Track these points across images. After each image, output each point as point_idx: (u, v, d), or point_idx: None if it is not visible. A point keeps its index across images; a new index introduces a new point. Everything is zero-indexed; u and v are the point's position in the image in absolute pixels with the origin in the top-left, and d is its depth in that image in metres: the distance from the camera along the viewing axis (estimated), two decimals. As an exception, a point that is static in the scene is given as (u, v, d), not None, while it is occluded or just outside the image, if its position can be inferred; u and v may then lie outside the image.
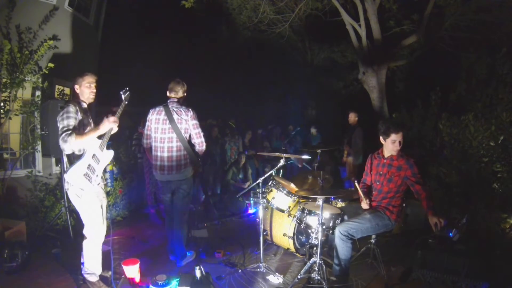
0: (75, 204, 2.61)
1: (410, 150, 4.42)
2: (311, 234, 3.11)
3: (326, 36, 10.97)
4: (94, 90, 2.73)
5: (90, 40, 6.32)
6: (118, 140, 5.43)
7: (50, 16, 4.72)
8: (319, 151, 4.06)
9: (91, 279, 2.70)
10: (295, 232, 3.36)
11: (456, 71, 5.69)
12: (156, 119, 3.14)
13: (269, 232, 3.61)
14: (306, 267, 2.94)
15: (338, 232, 2.79)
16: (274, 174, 3.50)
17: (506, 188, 3.58)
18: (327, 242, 3.40)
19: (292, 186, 3.55)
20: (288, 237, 3.35)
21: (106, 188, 3.08)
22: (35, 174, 4.41)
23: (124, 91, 2.71)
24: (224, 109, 10.63)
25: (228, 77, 12.38)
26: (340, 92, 12.48)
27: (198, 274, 2.45)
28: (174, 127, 3.06)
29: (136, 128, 5.42)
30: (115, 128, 2.67)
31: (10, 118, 4.13)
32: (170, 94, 3.18)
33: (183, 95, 3.21)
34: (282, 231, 3.42)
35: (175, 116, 3.07)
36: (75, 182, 2.50)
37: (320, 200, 2.84)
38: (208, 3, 8.05)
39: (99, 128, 2.53)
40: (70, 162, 2.58)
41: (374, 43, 6.75)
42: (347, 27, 7.04)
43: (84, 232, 2.65)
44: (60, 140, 2.39)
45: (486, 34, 6.44)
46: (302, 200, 3.50)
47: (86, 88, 2.67)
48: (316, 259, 2.83)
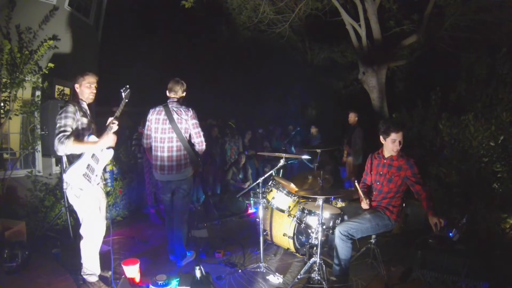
0: (73, 204, 2.61)
1: (410, 150, 4.42)
2: (311, 234, 3.11)
3: (326, 36, 10.98)
4: (94, 91, 2.71)
5: (90, 40, 6.32)
6: (118, 140, 5.42)
7: (50, 16, 4.72)
8: (319, 151, 4.06)
9: (90, 279, 2.69)
10: (295, 232, 3.36)
11: (456, 71, 5.69)
12: (156, 119, 3.13)
13: (269, 232, 3.61)
14: (306, 267, 2.94)
15: (338, 232, 2.79)
16: (274, 174, 3.50)
17: (506, 188, 3.58)
18: (327, 242, 3.39)
19: (292, 186, 3.55)
20: (288, 237, 3.35)
21: (106, 188, 3.07)
22: (35, 174, 4.41)
23: (124, 89, 2.69)
24: (224, 109, 10.63)
25: (228, 77, 12.38)
26: (340, 92, 12.48)
27: (198, 274, 2.45)
28: (174, 127, 3.06)
29: (136, 128, 5.42)
30: (115, 127, 2.66)
31: (10, 118, 4.13)
32: (170, 94, 3.18)
33: (182, 94, 3.20)
34: (282, 231, 3.42)
35: (175, 116, 3.07)
36: (74, 182, 2.49)
37: (320, 200, 2.84)
38: (208, 3, 8.06)
39: (98, 143, 2.53)
40: (69, 162, 2.57)
41: (374, 43, 6.75)
42: (347, 27, 7.05)
43: (81, 232, 2.65)
44: (56, 139, 2.37)
45: (486, 34, 6.45)
46: (302, 200, 3.50)
47: (86, 88, 2.66)
48: (316, 259, 2.83)
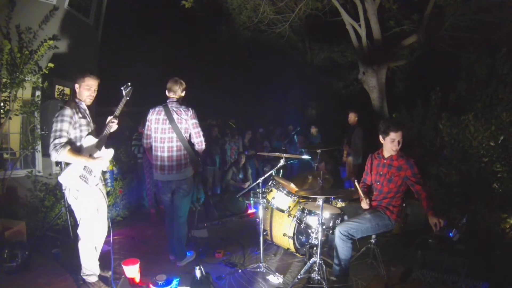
0: (71, 205, 2.60)
1: (410, 150, 4.42)
2: (311, 234, 3.10)
3: (326, 36, 10.98)
4: (94, 94, 2.63)
5: (90, 40, 6.32)
6: (118, 140, 5.43)
7: (50, 16, 4.72)
8: (319, 151, 4.06)
9: (90, 279, 2.69)
10: (295, 232, 3.36)
11: (456, 71, 5.68)
12: (156, 119, 3.13)
13: (269, 232, 3.61)
14: (306, 267, 2.94)
15: (338, 232, 2.79)
16: (274, 174, 3.50)
17: (506, 188, 3.58)
18: (327, 242, 3.39)
19: (292, 186, 3.55)
20: (288, 237, 3.35)
21: (106, 188, 3.06)
22: (35, 174, 4.41)
23: (125, 87, 2.64)
24: (224, 109, 10.65)
25: (228, 77, 12.39)
26: (340, 92, 12.48)
27: (198, 274, 2.45)
28: (174, 127, 3.06)
29: (136, 128, 5.42)
30: (114, 126, 2.65)
31: (10, 118, 4.13)
32: (169, 94, 3.17)
33: (182, 94, 3.19)
34: (282, 231, 3.42)
35: (175, 116, 3.07)
36: (70, 184, 2.47)
37: (320, 200, 2.84)
38: (208, 3, 8.05)
39: (90, 161, 2.50)
40: (66, 163, 2.53)
41: (374, 43, 6.75)
42: (347, 27, 7.04)
43: (78, 232, 2.64)
44: (51, 145, 2.35)
45: (486, 34, 6.44)
46: (302, 200, 3.50)
47: (85, 90, 2.60)
48: (316, 259, 2.83)
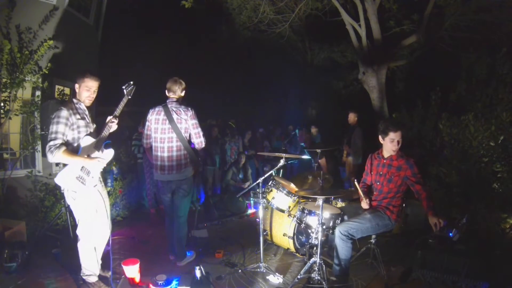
0: (70, 205, 2.59)
1: (410, 150, 4.42)
2: (311, 234, 3.11)
3: (326, 36, 10.99)
4: (93, 95, 2.60)
5: (90, 40, 6.31)
6: (118, 140, 5.43)
7: (50, 16, 4.71)
8: (319, 151, 4.06)
9: (90, 280, 2.69)
10: (295, 232, 3.36)
11: (456, 71, 5.68)
12: (155, 119, 3.13)
13: (269, 232, 3.61)
14: (306, 267, 2.94)
15: (338, 232, 2.79)
16: (274, 174, 3.50)
17: (506, 188, 3.58)
18: (327, 242, 3.39)
19: (292, 186, 3.55)
20: (288, 237, 3.35)
21: (106, 189, 3.05)
22: (35, 174, 4.40)
23: (126, 85, 2.60)
24: (224, 109, 10.66)
25: (228, 77, 12.39)
26: (340, 92, 12.48)
27: (198, 274, 2.45)
28: (174, 127, 3.06)
29: (136, 128, 5.42)
30: (113, 126, 2.64)
31: (10, 118, 4.13)
32: (169, 94, 3.17)
33: (181, 94, 3.19)
34: (282, 231, 3.42)
35: (175, 116, 3.07)
36: (67, 185, 2.46)
37: (320, 200, 2.84)
38: (208, 3, 8.05)
39: (87, 161, 2.47)
40: (63, 164, 2.51)
41: (374, 43, 6.74)
42: (347, 27, 7.04)
43: (77, 233, 2.64)
44: (47, 147, 2.35)
45: (486, 34, 6.44)
46: (302, 200, 3.50)
47: (85, 91, 2.57)
48: (316, 259, 2.83)
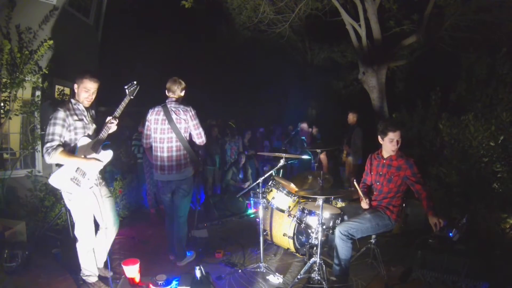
0: (68, 206, 2.58)
1: (410, 150, 4.42)
2: (311, 234, 3.10)
3: (326, 36, 10.98)
4: (92, 97, 2.58)
5: (90, 40, 6.32)
6: (118, 140, 5.43)
7: (50, 16, 4.71)
8: (319, 151, 4.06)
9: (90, 280, 2.69)
10: (295, 232, 3.36)
11: (456, 71, 5.68)
12: (155, 119, 3.13)
13: (269, 232, 3.60)
14: (306, 267, 2.94)
15: (338, 232, 2.79)
16: (274, 174, 3.50)
17: (506, 188, 3.58)
18: (327, 242, 3.39)
19: (292, 186, 3.55)
20: (288, 237, 3.35)
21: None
22: (35, 174, 4.40)
23: (129, 85, 2.56)
24: (224, 109, 10.64)
25: (228, 77, 12.39)
26: (340, 92, 12.48)
27: (198, 274, 2.44)
28: (173, 127, 3.06)
29: (136, 128, 5.42)
30: (113, 127, 2.63)
31: (10, 118, 4.13)
32: (168, 94, 3.17)
33: (181, 94, 3.19)
34: (282, 231, 3.42)
35: (174, 116, 3.07)
36: (61, 186, 2.44)
37: (320, 200, 2.84)
38: (208, 3, 8.04)
39: (82, 162, 2.45)
40: (58, 165, 2.48)
41: (374, 43, 6.74)
42: (347, 27, 7.03)
43: (75, 233, 2.63)
44: (44, 148, 2.35)
45: (486, 34, 6.44)
46: (302, 200, 3.50)
47: (83, 92, 2.54)
48: (316, 259, 2.83)
